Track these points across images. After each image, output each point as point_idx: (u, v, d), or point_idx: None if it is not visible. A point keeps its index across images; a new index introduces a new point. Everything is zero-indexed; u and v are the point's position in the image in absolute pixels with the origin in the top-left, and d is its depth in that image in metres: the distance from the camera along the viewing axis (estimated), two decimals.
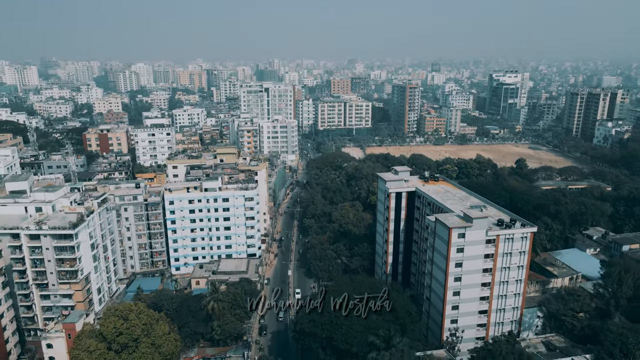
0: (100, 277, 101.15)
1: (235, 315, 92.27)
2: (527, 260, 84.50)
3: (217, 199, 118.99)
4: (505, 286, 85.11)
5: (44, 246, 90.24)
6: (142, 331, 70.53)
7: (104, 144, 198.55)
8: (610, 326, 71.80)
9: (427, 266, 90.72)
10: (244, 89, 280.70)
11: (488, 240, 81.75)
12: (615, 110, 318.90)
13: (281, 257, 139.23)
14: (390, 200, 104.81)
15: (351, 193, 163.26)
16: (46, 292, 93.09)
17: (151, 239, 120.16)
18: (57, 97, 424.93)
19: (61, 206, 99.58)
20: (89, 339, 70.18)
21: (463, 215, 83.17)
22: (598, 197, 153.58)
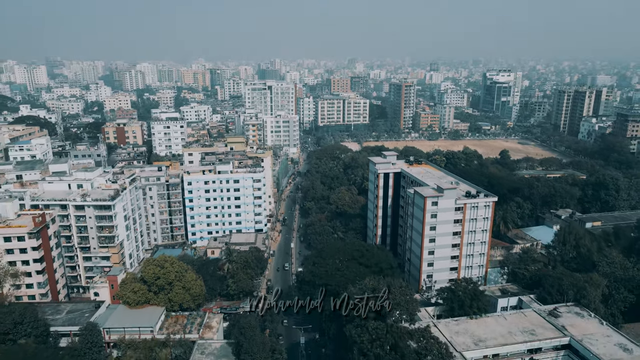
0: (131, 245, 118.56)
1: (247, 274, 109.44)
2: (490, 225, 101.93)
3: (228, 180, 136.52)
4: (472, 247, 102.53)
5: (87, 215, 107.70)
6: (175, 276, 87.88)
7: (120, 136, 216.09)
8: (551, 273, 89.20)
9: (408, 232, 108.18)
10: (248, 86, 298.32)
11: (457, 207, 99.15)
12: (600, 107, 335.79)
13: (284, 234, 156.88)
14: (379, 180, 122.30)
15: (347, 180, 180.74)
16: (88, 254, 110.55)
17: (171, 215, 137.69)
18: (67, 96, 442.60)
19: (98, 184, 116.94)
20: (133, 283, 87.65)
21: (436, 187, 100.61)
22: (571, 183, 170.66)
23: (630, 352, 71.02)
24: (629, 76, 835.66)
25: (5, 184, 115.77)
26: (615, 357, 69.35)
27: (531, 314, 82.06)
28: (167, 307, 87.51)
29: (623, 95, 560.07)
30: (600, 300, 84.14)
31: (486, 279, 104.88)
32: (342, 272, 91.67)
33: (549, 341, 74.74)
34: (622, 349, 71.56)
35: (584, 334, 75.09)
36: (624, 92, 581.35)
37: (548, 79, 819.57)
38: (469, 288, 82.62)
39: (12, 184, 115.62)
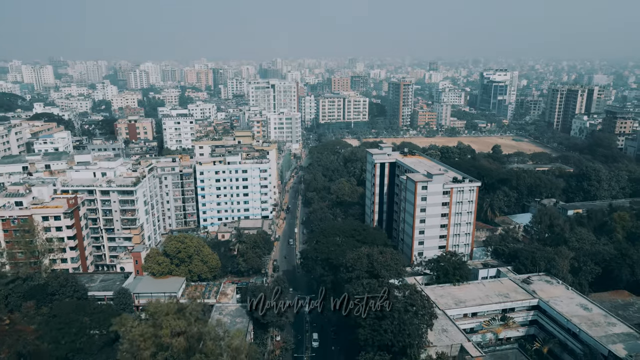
0: (149, 228, 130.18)
1: (256, 253, 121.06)
2: (475, 208, 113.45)
3: (237, 170, 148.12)
4: (458, 227, 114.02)
5: (112, 200, 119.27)
6: (194, 251, 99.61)
7: (132, 132, 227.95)
8: (526, 248, 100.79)
9: (401, 214, 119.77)
10: (252, 85, 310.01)
11: (444, 191, 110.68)
12: (592, 105, 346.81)
13: (289, 221, 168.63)
14: (376, 169, 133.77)
15: (347, 172, 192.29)
16: (112, 235, 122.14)
17: (185, 202, 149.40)
18: (75, 94, 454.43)
19: (120, 172, 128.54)
20: (157, 256, 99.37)
21: (426, 173, 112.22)
22: (557, 176, 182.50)
23: (589, 310, 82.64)
24: (626, 76, 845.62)
25: (36, 172, 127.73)
26: (576, 314, 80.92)
27: (507, 281, 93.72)
28: (187, 277, 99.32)
29: (618, 94, 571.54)
30: (568, 270, 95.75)
31: (472, 255, 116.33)
32: (341, 247, 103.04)
33: (520, 302, 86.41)
34: (583, 308, 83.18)
35: (550, 297, 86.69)
36: (619, 91, 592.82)
37: (546, 78, 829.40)
38: (452, 259, 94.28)
39: (42, 172, 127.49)
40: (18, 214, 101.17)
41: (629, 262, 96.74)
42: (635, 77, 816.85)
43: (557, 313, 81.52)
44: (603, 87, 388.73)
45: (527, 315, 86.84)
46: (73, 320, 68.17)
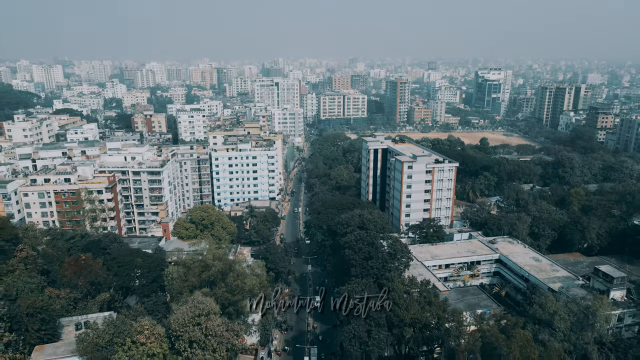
0: (172, 205, 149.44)
1: (265, 226, 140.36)
2: (454, 185, 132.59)
3: (248, 157, 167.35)
4: (440, 202, 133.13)
5: (142, 179, 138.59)
6: (215, 218, 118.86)
7: (148, 125, 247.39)
8: (493, 216, 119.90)
9: (391, 191, 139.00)
10: (257, 83, 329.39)
11: (427, 170, 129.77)
12: (579, 102, 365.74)
13: (293, 203, 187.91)
14: (370, 154, 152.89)
15: (346, 161, 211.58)
16: (142, 210, 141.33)
17: (201, 185, 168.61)
18: (86, 93, 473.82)
19: (147, 157, 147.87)
20: (184, 223, 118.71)
21: (412, 156, 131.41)
22: (537, 164, 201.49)
23: (539, 261, 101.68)
24: (621, 75, 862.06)
25: (74, 157, 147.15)
26: (528, 264, 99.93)
27: (476, 242, 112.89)
28: (210, 240, 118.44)
29: (610, 92, 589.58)
30: (527, 233, 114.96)
31: (452, 225, 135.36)
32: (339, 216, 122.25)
33: (485, 256, 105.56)
34: (535, 260, 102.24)
35: (510, 252, 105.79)
36: (611, 90, 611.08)
37: (542, 77, 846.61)
38: (431, 224, 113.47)
39: (80, 157, 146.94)
40: (68, 188, 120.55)
41: (580, 228, 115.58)
42: (630, 77, 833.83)
43: (514, 263, 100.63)
44: (590, 85, 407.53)
45: (491, 267, 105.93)
46: (128, 262, 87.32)
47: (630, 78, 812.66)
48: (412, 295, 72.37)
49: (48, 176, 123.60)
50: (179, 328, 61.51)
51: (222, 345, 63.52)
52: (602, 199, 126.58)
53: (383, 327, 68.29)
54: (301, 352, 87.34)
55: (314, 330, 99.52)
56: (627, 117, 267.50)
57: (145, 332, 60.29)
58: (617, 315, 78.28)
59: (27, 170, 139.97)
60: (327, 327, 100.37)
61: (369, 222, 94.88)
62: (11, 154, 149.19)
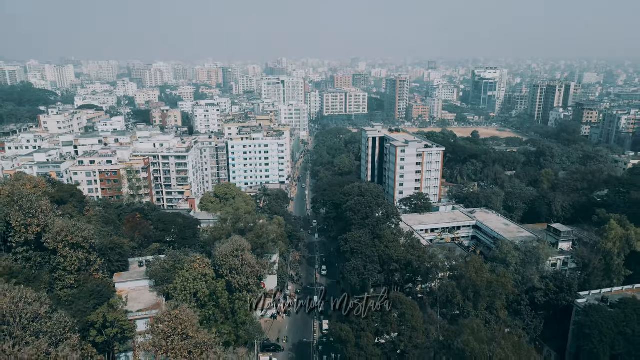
0: (195, 186, 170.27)
1: (277, 203, 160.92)
2: (441, 166, 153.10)
3: (260, 145, 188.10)
4: (429, 181, 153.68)
5: (170, 163, 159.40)
6: (236, 193, 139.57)
7: (164, 119, 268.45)
8: (473, 192, 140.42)
9: (387, 173, 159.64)
10: (265, 81, 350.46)
11: (418, 154, 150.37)
12: (569, 99, 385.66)
13: (300, 187, 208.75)
14: (369, 142, 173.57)
15: (347, 151, 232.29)
16: (169, 190, 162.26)
17: (219, 170, 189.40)
18: (99, 91, 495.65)
19: (173, 144, 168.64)
20: (210, 197, 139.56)
21: (404, 141, 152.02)
22: (522, 153, 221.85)
23: (508, 226, 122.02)
24: (618, 74, 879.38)
25: (109, 144, 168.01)
26: (498, 228, 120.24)
27: (458, 212, 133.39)
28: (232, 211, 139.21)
29: (603, 90, 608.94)
30: (502, 207, 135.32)
31: (439, 201, 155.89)
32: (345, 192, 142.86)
33: (464, 222, 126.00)
34: (504, 225, 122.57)
35: (485, 220, 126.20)
36: (605, 88, 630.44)
37: (540, 77, 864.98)
38: (420, 197, 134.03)
39: (114, 144, 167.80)
40: (111, 168, 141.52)
41: (547, 201, 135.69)
42: (627, 76, 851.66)
43: (487, 227, 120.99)
44: (579, 83, 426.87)
45: (469, 232, 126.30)
46: (172, 220, 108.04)
47: (627, 77, 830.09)
48: (398, 242, 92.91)
49: (93, 158, 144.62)
50: (222, 258, 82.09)
51: (253, 273, 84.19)
52: (567, 178, 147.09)
53: (376, 263, 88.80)
54: (311, 292, 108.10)
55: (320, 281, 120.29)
56: (608, 113, 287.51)
57: (198, 261, 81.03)
58: (562, 260, 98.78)
59: (70, 154, 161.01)
60: (331, 280, 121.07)
61: (367, 191, 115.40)
62: (54, 142, 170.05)
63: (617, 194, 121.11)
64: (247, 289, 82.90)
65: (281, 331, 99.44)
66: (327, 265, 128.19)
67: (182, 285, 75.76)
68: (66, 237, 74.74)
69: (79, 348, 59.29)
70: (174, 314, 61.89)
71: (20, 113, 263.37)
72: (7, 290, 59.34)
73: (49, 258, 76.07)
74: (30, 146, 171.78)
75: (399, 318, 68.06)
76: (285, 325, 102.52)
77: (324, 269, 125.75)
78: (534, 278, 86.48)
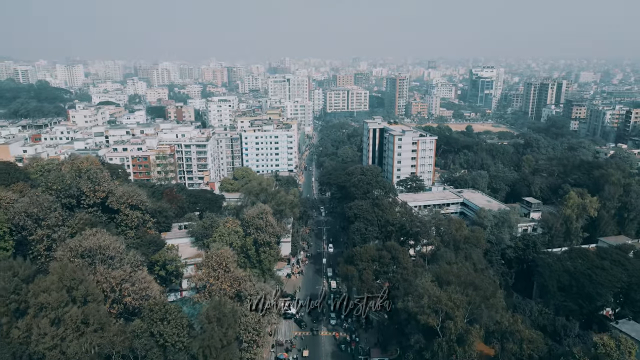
0: (213, 173, 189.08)
1: (288, 187, 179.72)
2: (434, 153, 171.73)
3: (271, 136, 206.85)
4: (423, 166, 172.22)
5: (192, 151, 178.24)
6: (252, 176, 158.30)
7: (179, 115, 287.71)
8: (462, 175, 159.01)
9: (385, 160, 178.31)
10: (271, 79, 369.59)
11: (413, 142, 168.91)
12: (561, 96, 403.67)
13: (306, 176, 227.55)
14: (370, 133, 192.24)
15: (350, 143, 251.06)
16: (190, 175, 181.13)
17: (233, 159, 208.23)
18: (110, 90, 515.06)
19: (192, 135, 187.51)
20: (229, 180, 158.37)
21: (401, 131, 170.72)
22: (512, 145, 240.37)
23: (491, 202, 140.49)
24: (614, 73, 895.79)
25: (135, 135, 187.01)
26: (482, 204, 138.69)
27: (447, 192, 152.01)
28: None
29: (598, 89, 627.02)
30: (487, 188, 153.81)
31: (433, 183, 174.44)
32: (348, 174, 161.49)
33: (452, 200, 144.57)
34: (487, 201, 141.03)
35: (471, 197, 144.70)
36: (600, 87, 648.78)
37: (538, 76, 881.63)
38: (414, 178, 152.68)
39: (140, 135, 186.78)
40: (142, 154, 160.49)
41: (527, 183, 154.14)
42: (624, 75, 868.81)
43: (472, 203, 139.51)
44: (571, 81, 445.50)
45: (457, 208, 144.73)
46: (201, 195, 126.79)
47: (623, 77, 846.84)
48: (394, 209, 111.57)
49: (126, 146, 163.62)
50: (250, 220, 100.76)
51: (274, 233, 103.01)
52: (545, 164, 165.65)
53: (375, 226, 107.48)
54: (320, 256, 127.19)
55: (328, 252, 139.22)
56: (595, 108, 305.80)
57: (230, 222, 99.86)
58: (531, 226, 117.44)
59: (102, 143, 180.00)
60: (337, 249, 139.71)
61: (367, 170, 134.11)
62: (87, 133, 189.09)
63: (584, 174, 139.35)
64: (269, 246, 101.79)
65: (295, 286, 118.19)
66: (333, 240, 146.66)
67: (220, 238, 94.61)
68: (127, 200, 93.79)
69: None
70: (219, 252, 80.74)
71: (46, 109, 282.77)
72: (94, 233, 78.36)
73: (113, 217, 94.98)
74: (63, 137, 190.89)
75: (392, 260, 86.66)
76: (298, 283, 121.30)
77: (330, 246, 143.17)
78: (505, 238, 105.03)
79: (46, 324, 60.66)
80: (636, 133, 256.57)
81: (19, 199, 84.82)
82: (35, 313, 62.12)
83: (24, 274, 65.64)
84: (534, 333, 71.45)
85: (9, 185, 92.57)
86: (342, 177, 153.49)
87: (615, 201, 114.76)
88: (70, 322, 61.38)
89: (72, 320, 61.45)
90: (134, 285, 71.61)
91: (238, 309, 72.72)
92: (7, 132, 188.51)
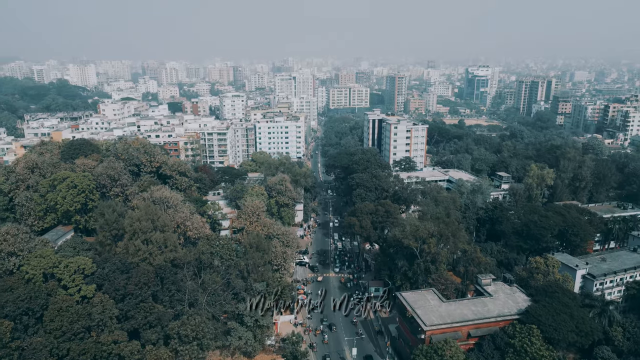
0: (231, 159, 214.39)
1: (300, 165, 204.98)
2: (425, 140, 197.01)
3: (282, 126, 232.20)
4: (416, 151, 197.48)
5: (214, 138, 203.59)
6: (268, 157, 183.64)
7: (195, 109, 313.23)
8: (447, 158, 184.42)
9: (384, 146, 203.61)
10: (278, 77, 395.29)
11: (407, 130, 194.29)
12: (551, 93, 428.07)
13: (313, 162, 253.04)
14: (370, 123, 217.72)
15: (352, 134, 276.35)
16: (212, 160, 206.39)
17: (248, 147, 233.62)
18: (123, 88, 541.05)
19: (213, 125, 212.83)
20: (248, 162, 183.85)
21: (397, 120, 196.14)
22: (499, 137, 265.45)
23: (471, 178, 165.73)
24: (608, 73, 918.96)
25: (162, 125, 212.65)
26: (464, 179, 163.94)
27: (436, 171, 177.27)
28: None
29: (590, 87, 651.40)
30: (470, 168, 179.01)
31: (425, 166, 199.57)
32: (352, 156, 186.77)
33: (440, 177, 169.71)
34: (469, 178, 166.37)
35: (455, 175, 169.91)
36: (592, 85, 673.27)
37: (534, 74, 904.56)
38: (407, 160, 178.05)
39: (166, 125, 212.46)
40: (172, 140, 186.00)
41: (505, 165, 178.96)
42: (618, 74, 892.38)
43: (455, 179, 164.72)
44: (560, 79, 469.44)
45: (443, 184, 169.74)
46: (230, 171, 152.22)
47: (617, 76, 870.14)
48: (389, 179, 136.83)
49: (158, 133, 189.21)
50: (272, 185, 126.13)
51: (291, 198, 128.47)
52: (522, 149, 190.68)
53: (373, 192, 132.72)
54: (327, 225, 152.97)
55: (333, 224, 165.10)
56: (578, 103, 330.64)
57: (256, 187, 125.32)
58: (502, 195, 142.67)
59: (135, 132, 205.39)
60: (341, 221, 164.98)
61: (368, 151, 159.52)
62: (120, 123, 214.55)
63: (552, 156, 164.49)
64: (287, 206, 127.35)
65: (307, 244, 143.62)
66: (338, 214, 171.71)
67: (250, 198, 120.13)
68: (177, 168, 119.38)
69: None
70: (254, 202, 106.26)
71: (75, 104, 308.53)
72: (159, 188, 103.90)
73: (166, 181, 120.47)
74: (98, 127, 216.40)
75: (386, 214, 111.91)
76: (309, 242, 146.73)
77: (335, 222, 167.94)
78: (478, 202, 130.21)
79: (139, 243, 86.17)
80: (613, 125, 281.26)
81: (97, 165, 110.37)
82: (130, 237, 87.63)
83: (119, 210, 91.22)
84: (489, 259, 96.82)
85: (87, 155, 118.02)
86: (345, 159, 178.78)
87: (569, 173, 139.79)
88: (156, 242, 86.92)
89: (157, 241, 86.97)
90: (193, 224, 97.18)
91: (269, 243, 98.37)
92: (49, 123, 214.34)
